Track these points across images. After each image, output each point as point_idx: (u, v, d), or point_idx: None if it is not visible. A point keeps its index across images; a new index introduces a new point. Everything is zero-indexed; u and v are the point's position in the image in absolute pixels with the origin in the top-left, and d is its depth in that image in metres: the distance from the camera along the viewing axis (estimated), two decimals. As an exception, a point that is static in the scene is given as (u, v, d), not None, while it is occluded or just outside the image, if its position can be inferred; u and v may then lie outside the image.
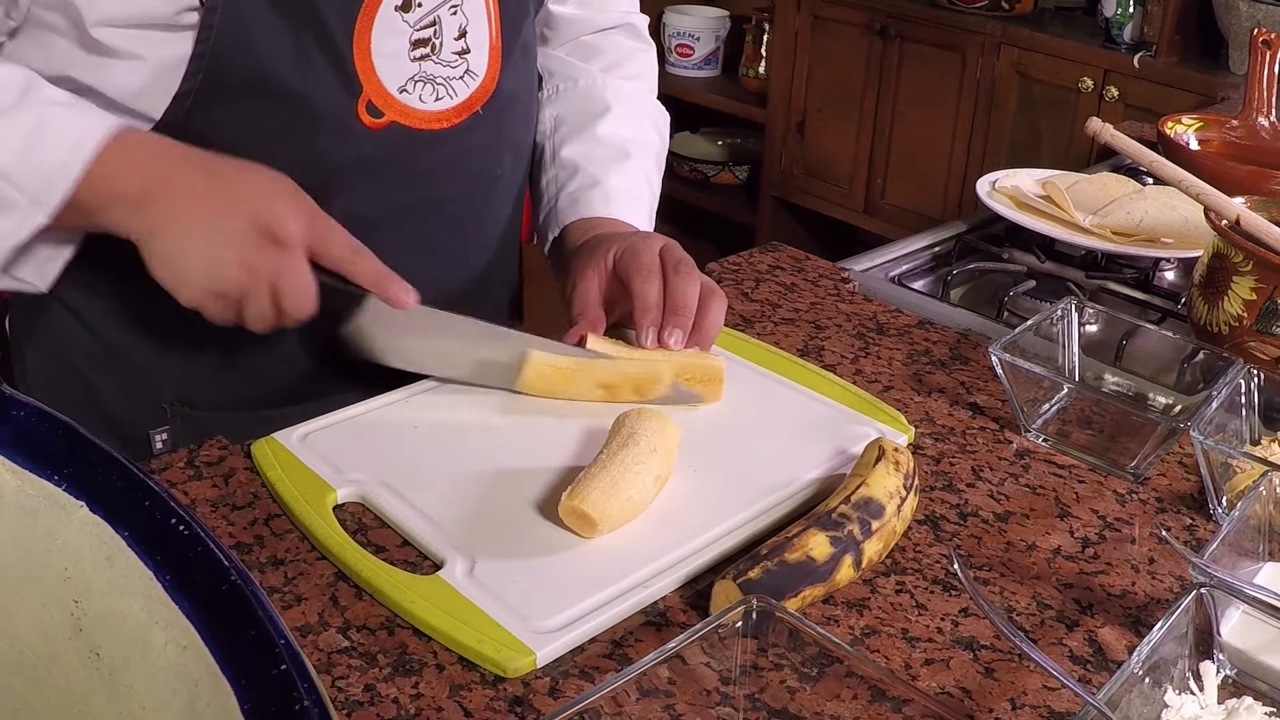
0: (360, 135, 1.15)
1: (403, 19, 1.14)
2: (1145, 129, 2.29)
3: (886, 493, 0.95)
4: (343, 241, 1.06)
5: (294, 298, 1.04)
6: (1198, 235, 1.55)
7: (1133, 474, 1.10)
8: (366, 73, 1.13)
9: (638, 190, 1.36)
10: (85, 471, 0.51)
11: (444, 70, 1.19)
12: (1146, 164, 1.35)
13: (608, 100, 1.41)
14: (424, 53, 1.17)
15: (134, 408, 1.24)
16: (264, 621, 0.44)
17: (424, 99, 1.18)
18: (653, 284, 1.15)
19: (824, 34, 4.08)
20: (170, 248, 1.02)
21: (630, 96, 1.43)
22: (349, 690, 0.81)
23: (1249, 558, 0.95)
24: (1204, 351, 1.22)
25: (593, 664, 0.85)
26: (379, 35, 1.12)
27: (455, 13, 1.18)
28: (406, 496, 0.99)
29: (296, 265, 1.03)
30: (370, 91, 1.14)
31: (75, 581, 0.51)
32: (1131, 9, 3.43)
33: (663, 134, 1.48)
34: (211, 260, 1.02)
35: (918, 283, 1.61)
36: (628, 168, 1.36)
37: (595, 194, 1.33)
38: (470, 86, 1.21)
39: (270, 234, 1.02)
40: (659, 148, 1.46)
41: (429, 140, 1.20)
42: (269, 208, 1.02)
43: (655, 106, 1.49)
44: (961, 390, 1.23)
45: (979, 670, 0.86)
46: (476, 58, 1.21)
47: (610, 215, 1.31)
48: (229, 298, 1.03)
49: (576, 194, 1.34)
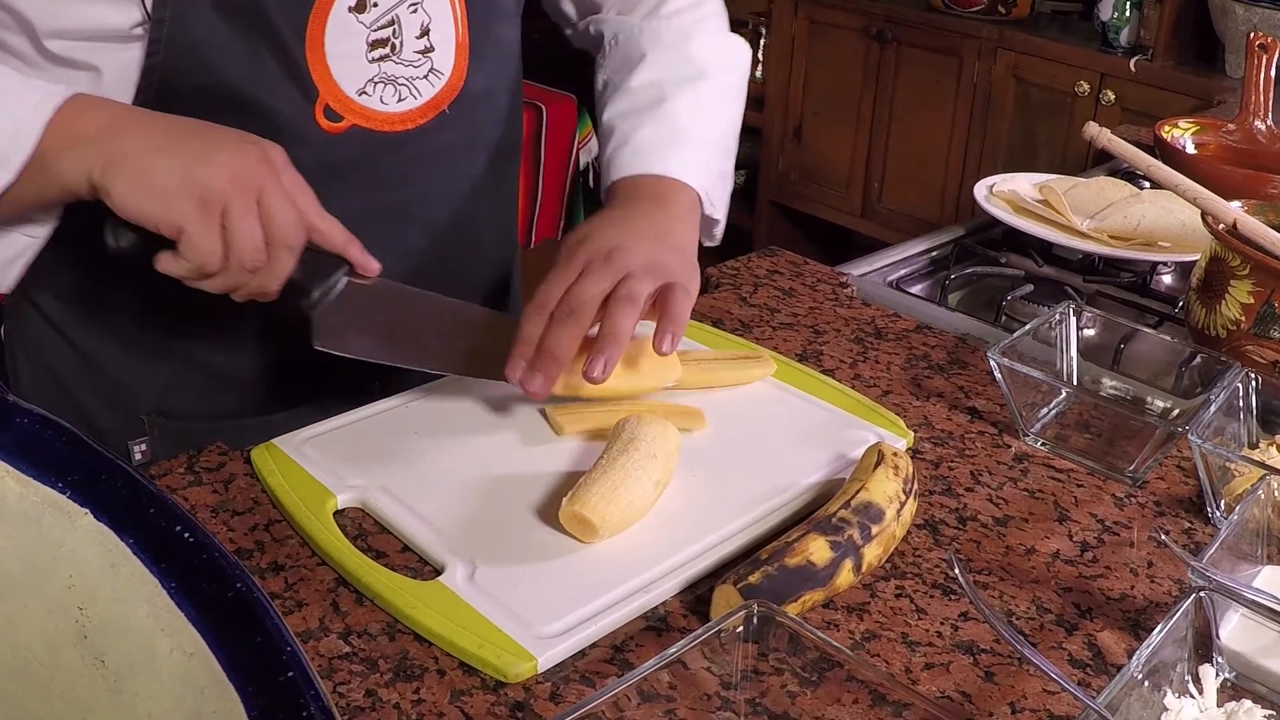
0: (319, 140, 1.12)
1: (357, 20, 1.11)
2: (1142, 133, 2.30)
3: (886, 497, 0.95)
4: (311, 200, 1.02)
5: (280, 221, 0.98)
6: (1195, 239, 1.56)
7: (1131, 478, 1.10)
8: (322, 76, 1.11)
9: (671, 134, 1.25)
10: (89, 479, 0.52)
11: (406, 70, 1.16)
12: (1143, 168, 1.35)
13: (643, 47, 1.32)
14: (383, 53, 1.14)
15: (113, 418, 1.23)
16: (270, 628, 0.44)
17: (385, 100, 1.16)
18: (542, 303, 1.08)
19: (821, 38, 4.09)
20: (144, 165, 0.96)
21: (671, 35, 1.33)
22: (350, 696, 0.81)
23: (1247, 561, 0.95)
24: (1202, 355, 1.22)
25: (594, 669, 0.85)
26: (333, 37, 1.10)
27: (416, 10, 1.14)
28: (407, 502, 0.99)
29: (284, 186, 0.99)
30: (327, 95, 1.12)
31: (80, 589, 0.51)
32: (1128, 13, 3.44)
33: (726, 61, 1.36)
34: (192, 161, 0.96)
35: (916, 287, 1.62)
36: (661, 113, 1.26)
37: (625, 153, 1.24)
38: (435, 86, 1.19)
39: (257, 149, 0.99)
40: (718, 79, 1.33)
41: (393, 142, 1.18)
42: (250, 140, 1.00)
43: (712, 35, 1.36)
44: (960, 394, 1.23)
45: (979, 674, 0.86)
46: (441, 56, 1.18)
47: (639, 171, 1.22)
48: (209, 205, 0.96)
49: (611, 156, 1.26)
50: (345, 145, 1.14)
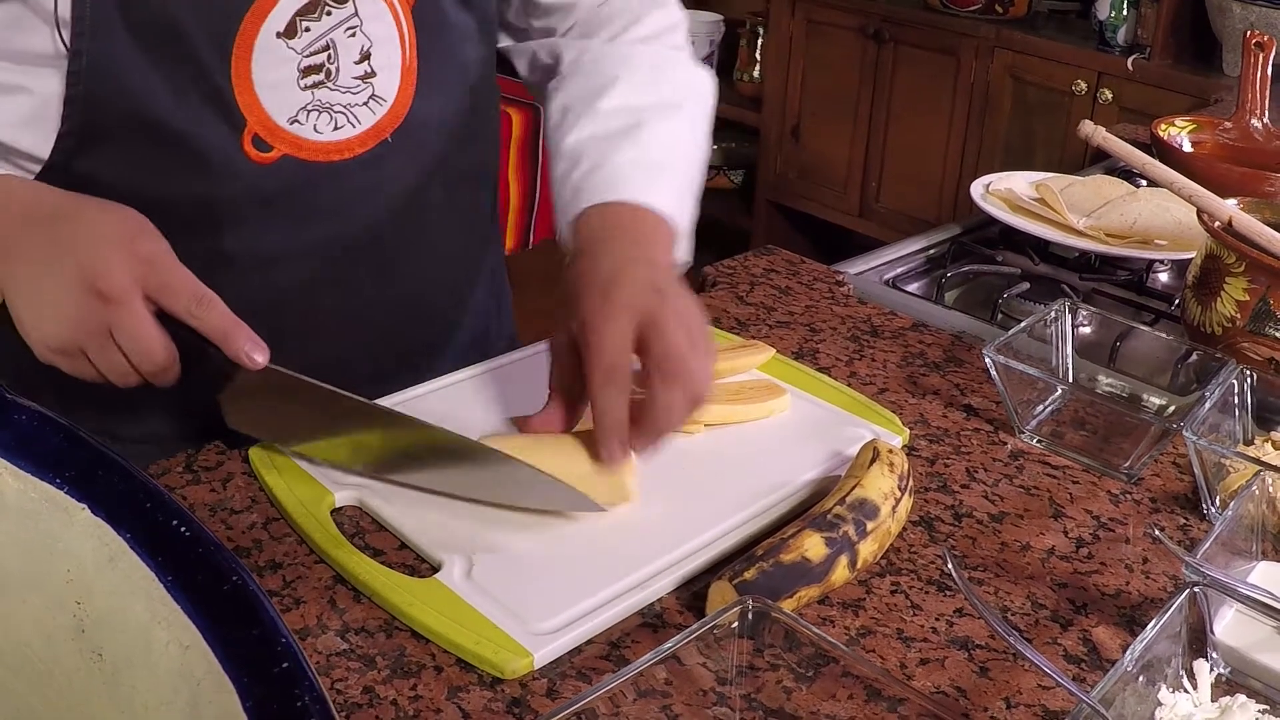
0: (248, 170, 1.08)
1: (287, 45, 1.06)
2: (1139, 131, 2.30)
3: (881, 494, 0.95)
4: (185, 290, 0.94)
5: (135, 352, 0.94)
6: (1191, 237, 1.56)
7: (1126, 474, 1.11)
8: (249, 105, 1.06)
9: (656, 159, 1.15)
10: (86, 474, 0.52)
11: (343, 97, 1.10)
12: (1138, 166, 1.36)
13: (613, 71, 1.22)
14: (317, 79, 1.08)
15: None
16: (265, 620, 0.44)
17: (319, 129, 1.10)
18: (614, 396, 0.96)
19: (818, 38, 4.10)
20: (14, 303, 0.95)
21: (644, 59, 1.24)
22: (348, 692, 0.81)
23: (1242, 557, 0.96)
24: (1197, 352, 1.22)
25: (590, 665, 0.85)
26: (260, 65, 1.05)
27: (354, 35, 1.09)
28: (403, 500, 0.99)
29: (129, 317, 0.92)
30: (255, 124, 1.07)
31: (78, 583, 0.52)
32: (1125, 11, 3.44)
33: (700, 91, 1.27)
34: (45, 319, 0.95)
35: (912, 285, 1.62)
36: (640, 139, 1.16)
37: (599, 178, 1.13)
38: (376, 113, 1.13)
39: (94, 288, 0.92)
40: (694, 109, 1.25)
41: (328, 172, 1.12)
42: (95, 258, 0.93)
43: (684, 64, 1.28)
44: (956, 392, 1.24)
45: (974, 670, 0.87)
46: (384, 81, 1.12)
47: (618, 199, 1.11)
48: (70, 354, 0.95)
49: (580, 182, 1.14)
50: (276, 176, 1.10)
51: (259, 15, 1.04)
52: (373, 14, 1.10)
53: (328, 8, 1.07)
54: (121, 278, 0.92)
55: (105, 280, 0.92)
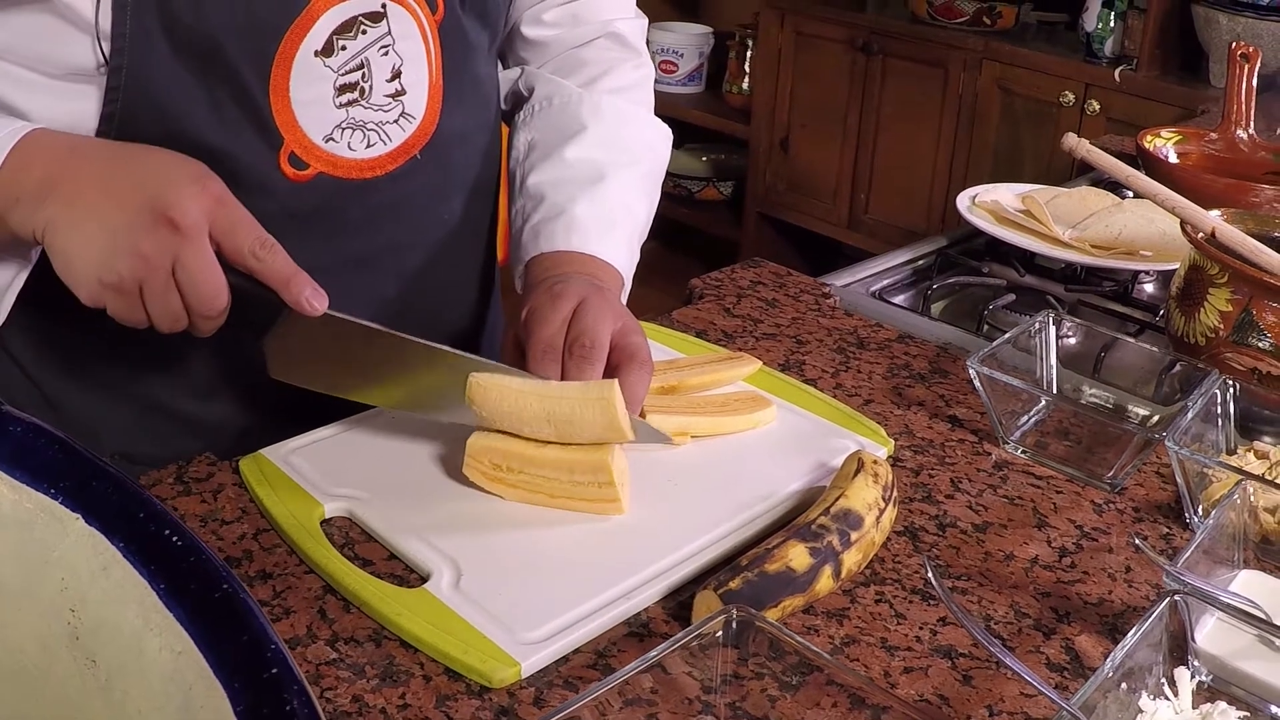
0: (284, 188, 1.09)
1: (324, 64, 1.07)
2: (1126, 142, 2.31)
3: (865, 504, 0.96)
4: (250, 233, 0.95)
5: (196, 289, 0.93)
6: (1175, 248, 1.57)
7: (1110, 484, 1.11)
8: (287, 123, 1.07)
9: (611, 217, 1.22)
10: (81, 485, 0.53)
11: (375, 115, 1.12)
12: (1122, 178, 1.37)
13: (583, 119, 1.28)
14: (351, 98, 1.10)
15: None
16: (255, 626, 0.45)
17: (353, 146, 1.12)
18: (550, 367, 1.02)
19: (807, 50, 4.11)
20: (65, 241, 0.94)
21: (612, 113, 1.30)
22: (337, 701, 0.82)
23: (1224, 565, 0.97)
24: (1181, 363, 1.23)
25: (577, 674, 0.86)
26: (298, 83, 1.07)
27: (386, 53, 1.11)
28: (393, 511, 1.00)
29: (196, 253, 0.93)
30: (292, 142, 1.08)
31: (72, 591, 0.52)
32: (1112, 23, 3.46)
33: (657, 149, 1.35)
34: (105, 249, 0.92)
35: (898, 297, 1.63)
36: (600, 193, 1.22)
37: (558, 225, 1.20)
38: (406, 130, 1.15)
39: (166, 218, 0.91)
40: (649, 166, 1.32)
41: (360, 189, 1.14)
42: (167, 191, 0.92)
43: (646, 120, 1.35)
44: (941, 403, 1.25)
45: (957, 678, 0.87)
46: (413, 99, 1.15)
47: (574, 249, 1.19)
48: (126, 291, 0.93)
49: (539, 226, 1.21)
50: (311, 193, 1.11)
51: (299, 34, 1.05)
52: (404, 32, 1.12)
53: (363, 26, 1.09)
54: (195, 211, 0.92)
55: (179, 210, 0.92)
